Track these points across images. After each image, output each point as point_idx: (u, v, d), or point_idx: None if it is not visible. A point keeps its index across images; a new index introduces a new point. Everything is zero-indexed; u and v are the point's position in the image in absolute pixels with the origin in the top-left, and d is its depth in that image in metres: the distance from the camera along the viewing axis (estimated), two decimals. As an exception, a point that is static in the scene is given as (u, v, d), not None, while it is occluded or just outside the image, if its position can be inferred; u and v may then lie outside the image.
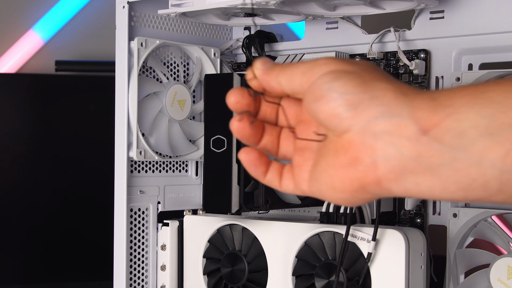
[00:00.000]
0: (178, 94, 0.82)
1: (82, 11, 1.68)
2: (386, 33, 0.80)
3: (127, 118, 0.78)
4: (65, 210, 1.52)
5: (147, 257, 0.82)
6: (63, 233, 1.52)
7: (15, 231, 1.49)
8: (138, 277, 0.81)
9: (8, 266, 1.50)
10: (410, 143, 0.38)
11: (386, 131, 0.39)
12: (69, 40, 1.69)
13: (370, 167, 0.40)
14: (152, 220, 0.82)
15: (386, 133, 0.39)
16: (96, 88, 1.55)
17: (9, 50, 1.64)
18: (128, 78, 0.78)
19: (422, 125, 0.38)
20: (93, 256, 1.51)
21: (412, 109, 0.39)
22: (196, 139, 0.86)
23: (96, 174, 1.51)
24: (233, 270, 0.77)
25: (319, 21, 0.85)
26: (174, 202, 0.85)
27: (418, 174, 0.39)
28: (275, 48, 0.89)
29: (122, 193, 0.79)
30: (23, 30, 1.65)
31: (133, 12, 0.80)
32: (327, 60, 0.42)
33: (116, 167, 0.80)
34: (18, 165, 1.52)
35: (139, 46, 0.78)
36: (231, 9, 0.77)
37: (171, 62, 0.85)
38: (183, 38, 0.86)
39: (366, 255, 0.69)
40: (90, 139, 1.52)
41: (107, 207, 0.85)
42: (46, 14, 1.66)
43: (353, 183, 0.41)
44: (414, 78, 0.78)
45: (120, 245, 0.79)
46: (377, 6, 0.75)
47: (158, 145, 0.81)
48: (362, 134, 0.39)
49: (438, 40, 0.77)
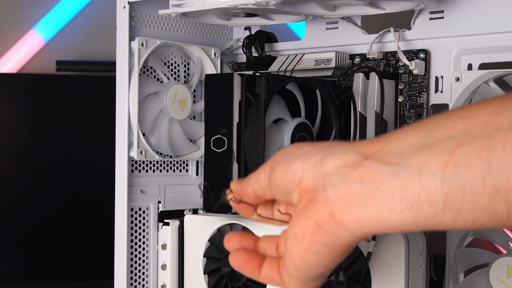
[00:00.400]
0: (178, 94, 0.82)
1: (83, 11, 1.69)
2: (386, 33, 0.80)
3: (127, 118, 0.78)
4: (66, 210, 1.52)
5: (147, 257, 0.82)
6: (63, 232, 1.53)
7: (15, 230, 1.50)
8: (138, 276, 0.82)
9: (8, 265, 1.51)
10: (353, 169, 0.40)
11: (333, 166, 0.41)
12: (70, 40, 1.69)
13: (322, 201, 0.41)
14: (152, 220, 0.83)
15: (333, 168, 0.41)
16: (97, 88, 1.56)
17: (10, 50, 1.64)
18: (128, 78, 0.78)
19: (364, 154, 0.41)
20: (94, 255, 1.51)
21: (355, 145, 0.42)
22: (197, 139, 0.86)
23: (97, 173, 1.51)
24: (234, 269, 0.77)
25: (319, 21, 0.86)
26: (174, 202, 0.85)
27: (364, 197, 0.40)
28: (275, 48, 0.90)
29: (123, 193, 0.79)
30: (24, 30, 1.65)
31: (134, 12, 0.80)
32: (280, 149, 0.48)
33: (117, 166, 0.80)
34: (19, 164, 1.52)
35: (139, 46, 0.78)
36: (232, 9, 0.77)
37: (172, 62, 0.85)
38: (184, 38, 0.86)
39: (366, 254, 0.69)
40: (91, 138, 1.52)
41: (108, 207, 0.85)
42: (47, 14, 1.66)
43: (309, 224, 0.41)
44: (414, 78, 0.78)
45: (120, 244, 0.80)
46: (377, 6, 0.75)
47: (159, 145, 0.81)
48: (314, 177, 0.42)
49: (437, 40, 0.77)
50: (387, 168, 0.39)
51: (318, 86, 0.77)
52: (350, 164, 0.40)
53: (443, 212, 0.37)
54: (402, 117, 0.79)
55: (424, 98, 0.78)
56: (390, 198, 0.38)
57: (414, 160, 0.38)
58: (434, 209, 0.37)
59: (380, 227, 0.40)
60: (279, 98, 0.75)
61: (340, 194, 0.40)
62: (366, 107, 0.77)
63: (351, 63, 0.83)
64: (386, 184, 0.39)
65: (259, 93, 0.71)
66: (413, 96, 0.79)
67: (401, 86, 0.79)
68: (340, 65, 0.81)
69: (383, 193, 0.39)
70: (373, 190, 0.39)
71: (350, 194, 0.40)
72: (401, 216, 0.38)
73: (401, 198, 0.38)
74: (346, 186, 0.40)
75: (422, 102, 0.78)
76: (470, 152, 0.36)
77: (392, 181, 0.38)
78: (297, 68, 0.82)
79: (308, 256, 0.42)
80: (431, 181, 0.37)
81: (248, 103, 0.71)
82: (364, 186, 0.39)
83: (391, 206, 0.39)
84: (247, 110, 0.71)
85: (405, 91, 0.79)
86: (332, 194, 0.40)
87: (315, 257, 0.42)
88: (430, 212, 0.38)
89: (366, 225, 0.40)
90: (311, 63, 0.81)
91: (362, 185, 0.40)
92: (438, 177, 0.37)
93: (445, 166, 0.37)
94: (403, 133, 0.40)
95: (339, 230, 0.41)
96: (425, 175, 0.37)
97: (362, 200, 0.39)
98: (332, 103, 0.77)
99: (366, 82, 0.77)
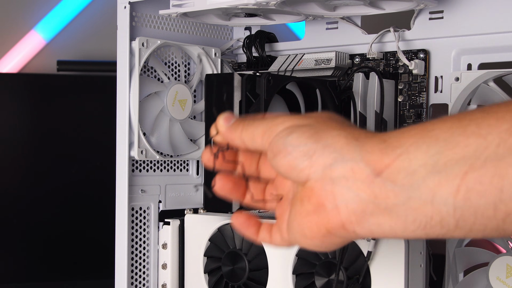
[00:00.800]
0: (179, 93, 0.83)
1: (83, 11, 1.69)
2: (386, 33, 0.81)
3: (128, 117, 0.79)
4: (67, 209, 1.52)
5: (148, 256, 0.83)
6: (64, 231, 1.53)
7: (16, 229, 1.50)
8: (139, 275, 0.82)
9: (9, 264, 1.51)
10: (365, 186, 0.40)
11: (342, 176, 0.41)
12: (70, 40, 1.69)
13: (333, 212, 0.41)
14: (153, 219, 0.83)
15: (343, 178, 0.41)
16: (97, 88, 1.56)
17: (11, 50, 1.64)
18: (129, 78, 0.78)
19: (375, 167, 0.40)
20: (95, 254, 1.51)
21: (364, 153, 0.41)
22: (197, 139, 0.86)
23: (98, 173, 1.51)
24: (234, 268, 0.78)
25: (319, 21, 0.86)
26: (175, 201, 0.85)
27: (378, 215, 0.40)
28: (275, 48, 0.90)
29: (124, 192, 0.79)
30: (25, 30, 1.65)
31: (135, 12, 0.80)
32: (283, 118, 0.45)
33: (118, 166, 0.80)
34: (20, 164, 1.52)
35: (140, 46, 0.79)
36: (232, 10, 0.77)
37: (172, 62, 0.85)
38: (184, 38, 0.86)
39: (366, 254, 0.69)
40: (92, 138, 1.53)
41: (109, 206, 0.85)
42: (48, 15, 1.66)
43: (320, 229, 0.43)
44: (414, 78, 0.79)
45: (121, 243, 0.80)
46: (376, 6, 0.76)
47: (159, 145, 0.81)
48: (321, 181, 0.42)
49: (437, 40, 0.78)
50: (400, 190, 0.39)
51: (318, 86, 0.77)
52: (361, 179, 0.40)
53: (454, 231, 0.39)
54: (402, 117, 0.79)
55: (423, 98, 0.78)
56: (403, 219, 0.39)
57: (426, 184, 0.38)
58: (446, 229, 0.39)
59: (390, 237, 0.41)
60: (279, 98, 0.75)
61: (352, 210, 0.41)
62: (366, 107, 0.77)
63: (351, 63, 0.83)
64: (400, 206, 0.39)
65: (259, 93, 0.71)
66: (413, 96, 0.79)
67: (401, 86, 0.79)
68: (340, 65, 0.81)
69: (397, 214, 0.39)
70: (386, 210, 0.40)
71: (362, 211, 0.40)
72: (413, 232, 0.40)
73: (414, 220, 0.39)
74: (359, 203, 0.40)
75: (421, 102, 0.78)
76: (482, 177, 0.37)
77: (405, 204, 0.39)
78: (297, 68, 0.82)
79: (314, 247, 0.44)
80: (443, 208, 0.38)
81: (248, 103, 0.72)
82: (377, 206, 0.40)
83: (404, 226, 0.40)
84: (247, 110, 0.71)
85: (405, 91, 0.79)
86: (344, 208, 0.41)
87: (321, 248, 0.44)
88: (442, 231, 0.39)
89: (377, 235, 0.41)
90: (311, 63, 0.81)
91: (375, 204, 0.40)
92: (450, 204, 0.38)
93: (457, 192, 0.37)
94: (414, 146, 0.39)
95: (350, 236, 0.42)
96: (438, 201, 0.38)
97: (374, 218, 0.40)
98: (332, 103, 0.78)
99: (366, 82, 0.78)
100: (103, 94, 1.51)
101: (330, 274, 0.71)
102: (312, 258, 0.73)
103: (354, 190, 0.40)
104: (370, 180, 0.40)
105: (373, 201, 0.40)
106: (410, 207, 0.39)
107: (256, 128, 0.46)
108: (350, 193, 0.40)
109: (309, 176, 0.42)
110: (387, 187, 0.39)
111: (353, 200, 0.40)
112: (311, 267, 0.73)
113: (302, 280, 0.73)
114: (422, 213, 0.39)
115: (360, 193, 0.40)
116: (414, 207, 0.39)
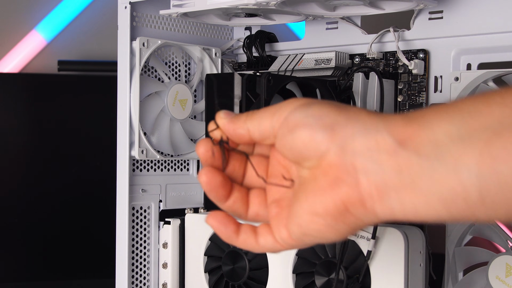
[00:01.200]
0: (179, 93, 0.83)
1: (84, 11, 1.69)
2: (386, 33, 0.81)
3: (129, 117, 0.79)
4: (68, 209, 1.52)
5: (148, 255, 0.83)
6: (65, 231, 1.53)
7: (18, 229, 1.50)
8: (140, 274, 0.82)
9: (10, 263, 1.51)
10: (389, 157, 0.38)
11: (364, 147, 0.39)
12: (71, 40, 1.69)
13: (353, 185, 0.39)
14: (153, 219, 0.83)
15: (365, 148, 0.39)
16: (98, 87, 1.56)
17: (12, 50, 1.64)
18: (130, 77, 0.79)
19: (398, 137, 0.38)
20: (95, 254, 1.52)
21: (387, 124, 0.39)
22: (197, 138, 0.86)
23: (99, 172, 1.51)
24: (234, 268, 0.78)
25: (319, 21, 0.86)
26: (175, 201, 0.85)
27: (400, 190, 0.38)
28: (275, 48, 0.90)
29: (124, 192, 0.80)
30: (26, 30, 1.65)
31: (135, 13, 0.80)
32: (292, 100, 0.44)
33: (118, 166, 0.80)
34: (21, 163, 1.52)
35: (141, 46, 0.79)
36: (232, 10, 0.77)
37: (173, 62, 0.85)
38: (185, 38, 0.87)
39: (366, 253, 0.69)
40: (93, 138, 1.53)
41: (109, 206, 0.86)
42: (49, 15, 1.66)
43: (336, 204, 0.40)
44: (413, 77, 0.79)
45: (122, 243, 0.80)
46: (376, 6, 0.76)
47: (160, 144, 0.82)
48: (342, 154, 0.40)
49: (437, 40, 0.78)
50: (425, 162, 0.38)
51: (318, 85, 0.77)
52: (385, 149, 0.38)
53: (476, 207, 0.37)
54: None
55: (423, 97, 0.78)
56: (426, 193, 0.38)
57: (450, 153, 0.37)
58: (468, 205, 0.37)
59: (412, 217, 0.39)
60: (280, 97, 0.75)
61: (374, 182, 0.39)
62: (366, 107, 0.78)
63: (351, 63, 0.83)
64: (424, 179, 0.38)
65: (259, 93, 0.72)
66: (413, 96, 0.79)
67: (400, 85, 0.80)
68: (340, 65, 0.81)
69: (420, 187, 0.38)
70: (410, 183, 0.38)
71: (385, 184, 0.39)
72: (435, 210, 0.38)
73: (437, 193, 0.38)
74: (382, 175, 0.38)
75: (421, 102, 0.78)
76: (506, 143, 0.35)
77: (430, 176, 0.37)
78: (297, 68, 0.82)
79: (325, 230, 0.42)
80: (467, 178, 0.36)
81: (248, 102, 0.72)
82: (401, 179, 0.38)
83: (427, 201, 0.38)
84: (247, 110, 0.72)
85: (405, 90, 0.80)
86: (365, 180, 0.39)
87: (332, 231, 0.42)
88: (464, 207, 0.37)
89: (398, 215, 0.39)
90: (311, 63, 0.81)
91: (399, 177, 0.38)
92: (473, 173, 0.36)
93: (481, 159, 0.36)
94: (437, 117, 0.38)
95: (367, 216, 0.40)
96: (461, 170, 0.37)
97: (398, 193, 0.38)
98: None
99: (365, 82, 0.78)
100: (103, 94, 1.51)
101: (330, 273, 0.71)
102: (312, 257, 0.73)
103: (377, 162, 0.38)
104: (393, 150, 0.38)
105: (396, 173, 0.38)
106: (434, 179, 0.37)
107: (263, 112, 0.44)
108: (372, 165, 0.39)
109: (328, 150, 0.40)
110: (411, 158, 0.38)
111: (376, 173, 0.39)
112: (311, 267, 0.73)
113: (302, 279, 0.74)
114: (446, 186, 0.37)
115: (384, 165, 0.38)
116: (437, 179, 0.37)
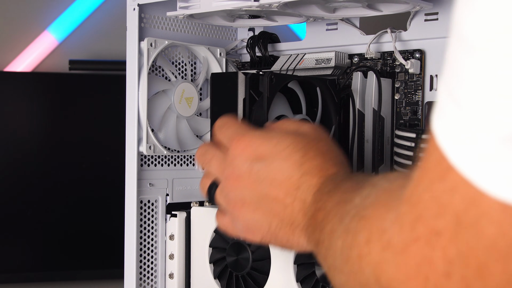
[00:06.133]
0: (185, 91, 0.84)
1: (94, 13, 1.69)
2: (383, 34, 0.82)
3: (137, 114, 0.79)
4: (78, 202, 1.55)
5: (156, 247, 0.84)
6: (77, 224, 1.55)
7: (32, 222, 1.52)
8: (147, 265, 0.83)
9: (26, 254, 1.54)
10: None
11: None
12: (82, 41, 1.70)
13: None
14: (161, 212, 0.84)
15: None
16: (108, 86, 1.57)
17: (25, 50, 1.65)
18: (138, 76, 0.79)
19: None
20: (105, 245, 1.54)
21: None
22: (203, 135, 0.87)
23: (108, 168, 1.53)
24: (238, 259, 0.78)
25: (319, 22, 0.87)
26: (182, 194, 0.86)
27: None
28: (277, 48, 0.91)
29: (133, 186, 0.80)
30: (38, 31, 1.66)
31: (143, 14, 0.81)
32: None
33: (127, 161, 0.81)
34: (34, 160, 1.54)
35: (148, 46, 0.80)
36: (236, 11, 0.78)
37: (179, 61, 0.86)
38: (191, 38, 0.88)
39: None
40: (102, 134, 1.55)
41: (118, 199, 0.87)
42: (61, 16, 1.67)
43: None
44: (410, 76, 0.80)
45: (130, 235, 0.81)
46: (374, 8, 0.77)
47: (167, 140, 0.83)
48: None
49: (432, 41, 0.79)
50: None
51: (318, 84, 0.77)
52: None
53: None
54: (399, 114, 0.81)
55: (419, 95, 0.79)
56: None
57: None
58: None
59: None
60: (281, 95, 0.76)
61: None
62: (364, 105, 0.78)
63: (350, 62, 0.84)
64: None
65: (262, 91, 0.72)
66: (409, 94, 0.80)
67: (397, 84, 0.81)
68: (339, 64, 0.82)
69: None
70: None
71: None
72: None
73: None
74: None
75: (417, 100, 0.80)
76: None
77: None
78: (298, 67, 0.83)
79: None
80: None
81: (251, 100, 0.72)
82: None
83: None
84: (251, 107, 0.72)
85: (402, 89, 0.80)
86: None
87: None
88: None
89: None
90: (312, 62, 0.82)
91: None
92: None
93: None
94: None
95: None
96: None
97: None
98: (332, 101, 0.78)
99: (364, 81, 0.79)
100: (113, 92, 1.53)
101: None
102: (312, 248, 0.74)
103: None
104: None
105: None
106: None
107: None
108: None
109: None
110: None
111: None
112: (312, 258, 0.74)
113: (303, 269, 0.74)
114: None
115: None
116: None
